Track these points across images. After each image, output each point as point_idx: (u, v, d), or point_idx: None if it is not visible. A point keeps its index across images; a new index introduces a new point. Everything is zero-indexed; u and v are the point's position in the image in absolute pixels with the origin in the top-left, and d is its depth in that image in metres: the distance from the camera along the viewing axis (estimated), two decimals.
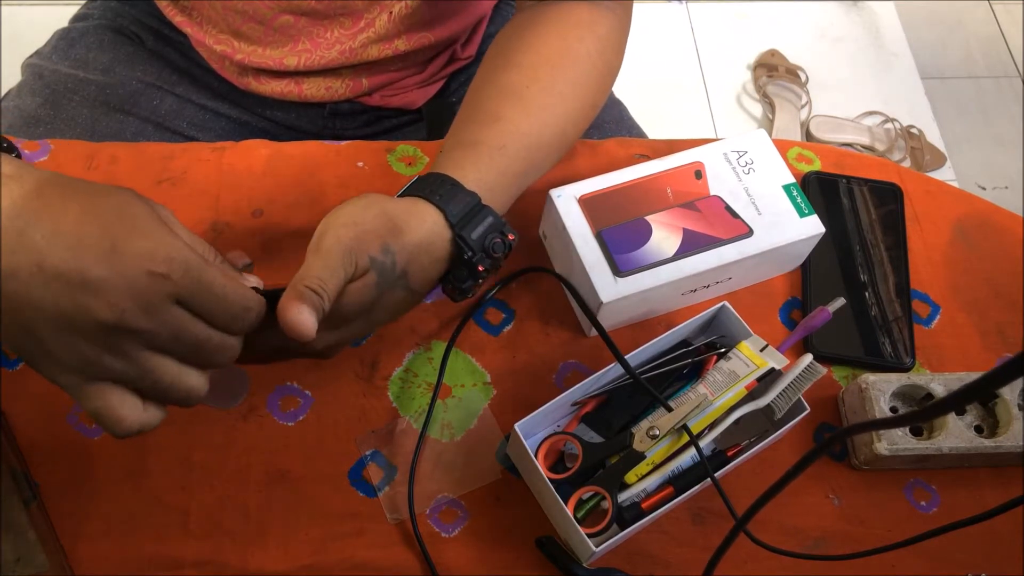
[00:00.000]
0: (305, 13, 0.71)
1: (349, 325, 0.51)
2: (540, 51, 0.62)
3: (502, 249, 0.55)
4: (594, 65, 0.64)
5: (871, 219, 0.73)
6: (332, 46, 0.74)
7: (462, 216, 0.54)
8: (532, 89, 0.61)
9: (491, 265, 0.56)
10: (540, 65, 0.62)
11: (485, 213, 0.55)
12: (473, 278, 0.55)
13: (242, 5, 0.70)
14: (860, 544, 0.59)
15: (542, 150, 0.61)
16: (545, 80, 0.61)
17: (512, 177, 0.59)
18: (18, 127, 0.79)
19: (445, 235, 0.53)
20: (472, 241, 0.54)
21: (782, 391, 0.58)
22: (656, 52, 1.85)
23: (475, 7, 0.82)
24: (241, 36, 0.73)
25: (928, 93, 1.90)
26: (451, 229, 0.53)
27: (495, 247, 0.55)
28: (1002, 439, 0.61)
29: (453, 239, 0.54)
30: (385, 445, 0.61)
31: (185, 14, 0.75)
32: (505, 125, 0.59)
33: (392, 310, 0.53)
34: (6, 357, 0.62)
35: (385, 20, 0.73)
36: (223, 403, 0.62)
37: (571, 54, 0.63)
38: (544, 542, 0.58)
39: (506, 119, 0.59)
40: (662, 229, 0.64)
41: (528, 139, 0.60)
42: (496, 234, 0.55)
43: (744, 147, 0.68)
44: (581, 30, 0.63)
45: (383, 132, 0.87)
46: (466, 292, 0.57)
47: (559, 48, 0.63)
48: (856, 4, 2.01)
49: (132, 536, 0.57)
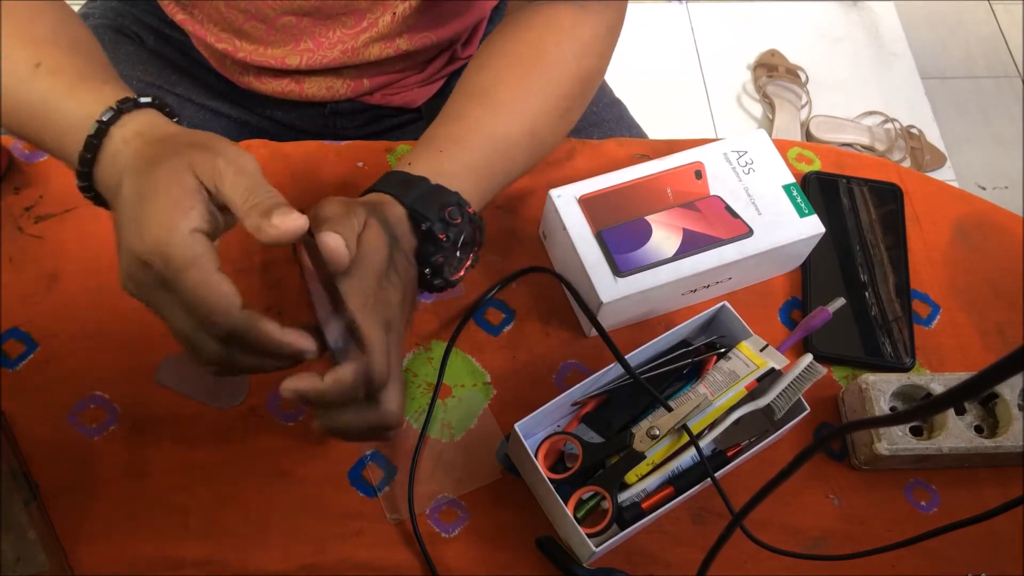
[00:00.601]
0: (308, 13, 0.71)
1: (381, 300, 0.50)
2: (512, 53, 0.63)
3: (460, 215, 0.55)
4: (569, 69, 0.63)
5: (871, 219, 0.73)
6: (334, 46, 0.74)
7: (413, 197, 0.55)
8: (498, 88, 0.61)
9: (454, 235, 0.55)
10: (510, 67, 0.62)
11: (437, 189, 0.55)
12: (438, 249, 0.55)
13: (245, 4, 0.70)
14: (860, 544, 0.59)
15: (510, 148, 0.61)
16: (511, 81, 0.61)
17: (474, 170, 0.59)
18: None
19: (401, 211, 0.55)
20: (425, 211, 0.54)
21: (782, 391, 0.58)
22: (656, 52, 1.85)
23: (477, 7, 0.82)
24: (243, 35, 0.73)
25: (928, 93, 1.90)
26: (402, 205, 0.55)
27: (451, 214, 0.55)
28: (1002, 439, 0.61)
29: (409, 214, 0.55)
30: (385, 445, 0.61)
31: (187, 12, 0.75)
32: (466, 122, 0.60)
33: (404, 278, 0.53)
34: (6, 357, 0.62)
35: (388, 20, 0.73)
36: (223, 403, 0.62)
37: (546, 57, 0.62)
38: (544, 542, 0.58)
39: (469, 116, 0.60)
40: (662, 229, 0.64)
41: (492, 134, 0.60)
42: (452, 205, 0.55)
43: (744, 147, 0.68)
44: (560, 35, 0.63)
45: (383, 131, 0.87)
46: (440, 273, 0.56)
47: (533, 51, 0.63)
48: (856, 4, 2.01)
49: (132, 536, 0.57)
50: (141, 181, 0.45)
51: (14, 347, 0.62)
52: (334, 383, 0.47)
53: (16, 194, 0.68)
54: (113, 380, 0.62)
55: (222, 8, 0.71)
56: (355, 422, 0.50)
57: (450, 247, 0.55)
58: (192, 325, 0.44)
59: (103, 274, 0.65)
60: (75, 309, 0.64)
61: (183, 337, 0.45)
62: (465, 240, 0.56)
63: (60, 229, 0.67)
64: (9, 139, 0.69)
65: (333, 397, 0.47)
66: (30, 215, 0.67)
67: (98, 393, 0.61)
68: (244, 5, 0.70)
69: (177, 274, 0.43)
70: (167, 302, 0.44)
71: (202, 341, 0.45)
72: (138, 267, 0.44)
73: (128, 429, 0.61)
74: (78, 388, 0.61)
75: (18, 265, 0.65)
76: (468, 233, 0.56)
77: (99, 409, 0.61)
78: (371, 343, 0.48)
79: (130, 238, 0.44)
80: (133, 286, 0.45)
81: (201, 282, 0.43)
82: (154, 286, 0.44)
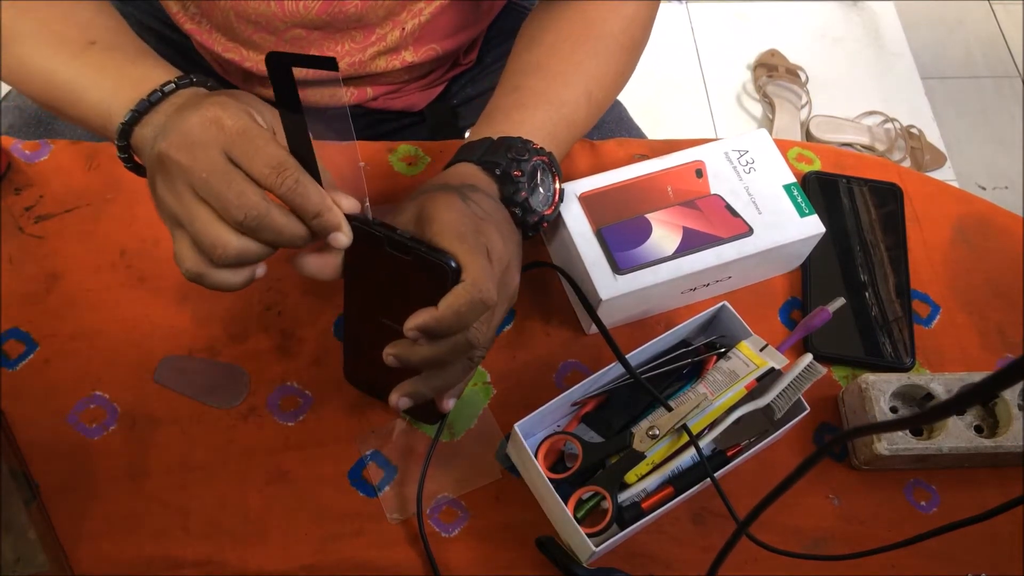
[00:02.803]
0: (318, 27, 0.71)
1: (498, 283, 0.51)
2: (562, 30, 0.65)
3: (526, 151, 0.57)
4: (617, 41, 0.66)
5: (871, 219, 0.73)
6: (341, 58, 0.74)
7: (480, 153, 0.58)
8: (551, 61, 0.64)
9: (527, 168, 0.57)
10: (561, 42, 0.65)
11: (500, 140, 0.58)
12: (517, 187, 0.57)
13: (255, 16, 0.69)
14: (860, 544, 0.59)
15: (570, 110, 0.63)
16: (565, 52, 0.64)
17: (537, 127, 0.61)
18: (18, 127, 0.79)
19: (471, 167, 0.57)
20: (494, 158, 0.57)
21: (782, 391, 0.58)
22: (656, 52, 1.84)
23: (484, 19, 0.82)
24: (251, 45, 0.73)
25: (928, 93, 1.90)
26: (474, 164, 0.57)
27: (518, 151, 0.57)
28: (1002, 439, 0.61)
29: (481, 167, 0.57)
30: (385, 445, 0.61)
31: (195, 22, 0.74)
32: (524, 92, 0.62)
33: (495, 215, 0.54)
34: (6, 357, 0.62)
35: (397, 35, 0.73)
36: (223, 403, 0.62)
37: (593, 31, 0.65)
38: (544, 542, 0.58)
39: (525, 87, 0.63)
40: (662, 227, 0.64)
41: (550, 99, 0.62)
42: (515, 146, 0.57)
43: (745, 146, 0.68)
44: (604, 11, 0.66)
45: (385, 134, 0.87)
46: (530, 209, 0.58)
47: (581, 27, 0.65)
48: (856, 4, 2.01)
49: (132, 536, 0.57)
50: (185, 107, 0.49)
51: (14, 347, 0.62)
52: (447, 308, 0.48)
53: (16, 194, 0.68)
54: (113, 380, 0.62)
55: (232, 19, 0.71)
56: (446, 347, 0.50)
57: (527, 181, 0.57)
58: (243, 187, 0.46)
59: (103, 274, 0.65)
60: (75, 309, 0.64)
61: (235, 197, 0.46)
62: (541, 171, 0.58)
63: (60, 229, 0.67)
64: (9, 139, 0.69)
65: (450, 322, 0.48)
66: (30, 215, 0.67)
67: (98, 393, 0.61)
68: (254, 17, 0.70)
69: (249, 128, 0.46)
70: (215, 161, 0.46)
71: (250, 199, 0.46)
72: (197, 126, 0.46)
73: (128, 429, 0.61)
74: (78, 388, 0.61)
75: (18, 265, 0.65)
76: (541, 164, 0.58)
77: (99, 409, 0.61)
78: (475, 269, 0.48)
79: (171, 136, 0.47)
80: (180, 150, 0.46)
81: (271, 139, 0.47)
82: (209, 146, 0.46)
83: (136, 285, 0.65)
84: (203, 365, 0.63)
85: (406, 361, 0.50)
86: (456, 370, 0.52)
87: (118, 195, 0.68)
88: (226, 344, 0.64)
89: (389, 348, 0.50)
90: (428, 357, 0.50)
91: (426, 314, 0.48)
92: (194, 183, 0.46)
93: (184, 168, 0.46)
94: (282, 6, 0.68)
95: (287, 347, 0.64)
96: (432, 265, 0.48)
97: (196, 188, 0.46)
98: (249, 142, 0.46)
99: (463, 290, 0.48)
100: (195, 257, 0.48)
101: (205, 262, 0.48)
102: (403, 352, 0.50)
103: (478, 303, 0.48)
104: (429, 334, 0.48)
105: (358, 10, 0.69)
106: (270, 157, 0.46)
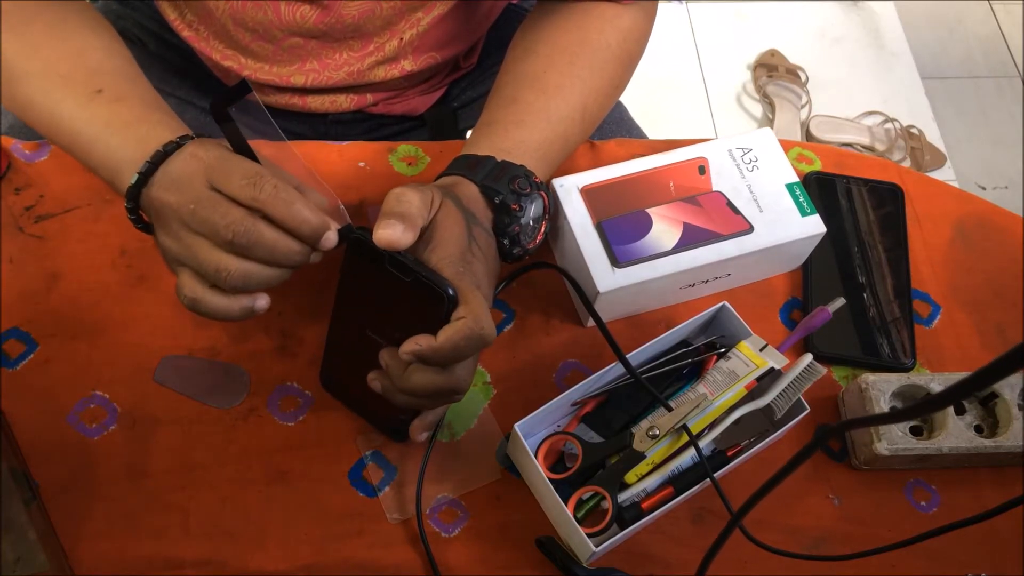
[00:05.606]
0: (316, 36, 0.71)
1: (467, 283, 0.51)
2: (558, 41, 0.65)
3: (528, 185, 0.58)
4: (613, 53, 0.66)
5: (871, 219, 0.73)
6: (340, 67, 0.74)
7: (483, 174, 0.58)
8: (548, 73, 0.64)
9: (526, 204, 0.58)
10: (558, 53, 0.65)
11: (503, 165, 0.59)
12: (512, 219, 0.58)
13: (252, 24, 0.69)
14: (860, 544, 0.59)
15: (565, 125, 0.64)
16: (562, 65, 0.64)
17: (535, 147, 0.61)
18: (19, 127, 0.79)
19: (474, 189, 0.58)
20: (496, 185, 0.57)
21: (782, 391, 0.58)
22: (656, 52, 1.84)
23: (483, 24, 0.82)
24: (249, 53, 0.73)
25: (928, 93, 1.90)
26: (474, 184, 0.58)
27: (520, 184, 0.58)
28: (1002, 439, 0.61)
29: (481, 191, 0.58)
30: (385, 445, 0.61)
31: (192, 29, 0.74)
32: (522, 105, 0.63)
33: (486, 250, 0.55)
34: (6, 357, 0.62)
35: (395, 45, 0.73)
36: (223, 403, 0.62)
37: (590, 43, 0.66)
38: (544, 542, 0.58)
39: (523, 100, 0.63)
40: (662, 222, 0.64)
41: (548, 115, 0.63)
42: (520, 177, 0.58)
43: (749, 144, 0.68)
44: (602, 23, 0.66)
45: (385, 138, 0.87)
46: (517, 242, 0.58)
47: (578, 38, 0.66)
48: (856, 4, 2.01)
49: (132, 536, 0.57)
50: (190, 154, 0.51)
51: (14, 347, 0.62)
52: (447, 340, 0.49)
53: (16, 194, 0.68)
54: (113, 380, 0.62)
55: (229, 27, 0.70)
56: (429, 383, 0.51)
57: (523, 216, 0.58)
58: (227, 208, 0.48)
59: (103, 274, 0.65)
60: (75, 309, 0.64)
61: (227, 222, 0.48)
62: (536, 208, 0.59)
63: (60, 229, 0.67)
64: (9, 139, 0.69)
65: (447, 353, 0.49)
66: (30, 215, 0.67)
67: (98, 393, 0.61)
68: (252, 24, 0.69)
69: (224, 155, 0.49)
70: (203, 194, 0.48)
71: (245, 221, 0.48)
72: (183, 164, 0.50)
73: (128, 429, 0.61)
74: (78, 388, 0.61)
75: (18, 265, 0.65)
76: (538, 201, 0.59)
77: (99, 409, 0.61)
78: (475, 305, 0.49)
79: (159, 181, 0.50)
80: (169, 191, 0.49)
81: (231, 157, 0.50)
82: (195, 178, 0.49)
83: (136, 285, 0.65)
84: (203, 365, 0.63)
85: (389, 397, 0.53)
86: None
87: (118, 195, 0.68)
88: (226, 344, 0.64)
89: (375, 375, 0.53)
90: (410, 402, 0.53)
91: (424, 341, 0.49)
92: (184, 217, 0.49)
93: (174, 206, 0.49)
94: (279, 14, 0.68)
95: (287, 347, 0.64)
96: (430, 290, 0.49)
97: (187, 222, 0.49)
98: (224, 164, 0.49)
99: (463, 324, 0.49)
100: (192, 283, 0.50)
101: (202, 287, 0.50)
102: (387, 389, 0.53)
103: (476, 338, 0.49)
104: (424, 361, 0.50)
105: (356, 19, 0.69)
106: (245, 171, 0.48)
